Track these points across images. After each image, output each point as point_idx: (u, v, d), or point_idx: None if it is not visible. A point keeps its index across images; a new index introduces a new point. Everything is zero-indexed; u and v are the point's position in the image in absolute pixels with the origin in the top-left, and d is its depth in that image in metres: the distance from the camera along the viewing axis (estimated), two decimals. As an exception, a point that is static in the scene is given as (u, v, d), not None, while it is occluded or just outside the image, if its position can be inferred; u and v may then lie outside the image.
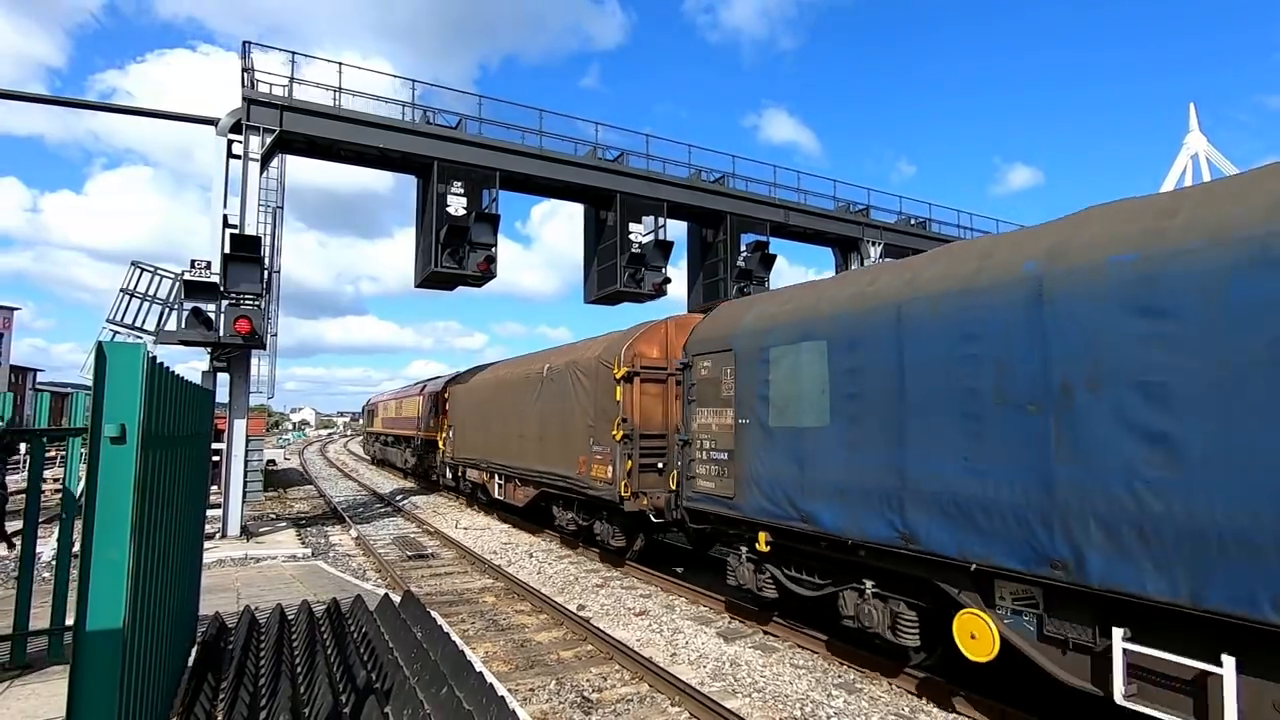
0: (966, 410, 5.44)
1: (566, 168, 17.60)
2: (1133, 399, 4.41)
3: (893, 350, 6.13)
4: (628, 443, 11.04)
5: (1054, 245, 5.11)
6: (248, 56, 14.54)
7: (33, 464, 5.94)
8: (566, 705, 6.31)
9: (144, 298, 14.09)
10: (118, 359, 2.90)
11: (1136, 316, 4.44)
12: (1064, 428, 4.77)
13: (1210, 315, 4.09)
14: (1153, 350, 4.34)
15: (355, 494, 25.87)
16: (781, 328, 7.62)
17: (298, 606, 7.55)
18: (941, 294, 5.77)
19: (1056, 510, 4.77)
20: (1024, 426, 5.02)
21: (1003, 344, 5.21)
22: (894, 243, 23.27)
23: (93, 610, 2.75)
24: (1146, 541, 4.31)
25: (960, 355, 5.52)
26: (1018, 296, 5.16)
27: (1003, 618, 5.33)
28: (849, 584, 6.91)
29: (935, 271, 6.03)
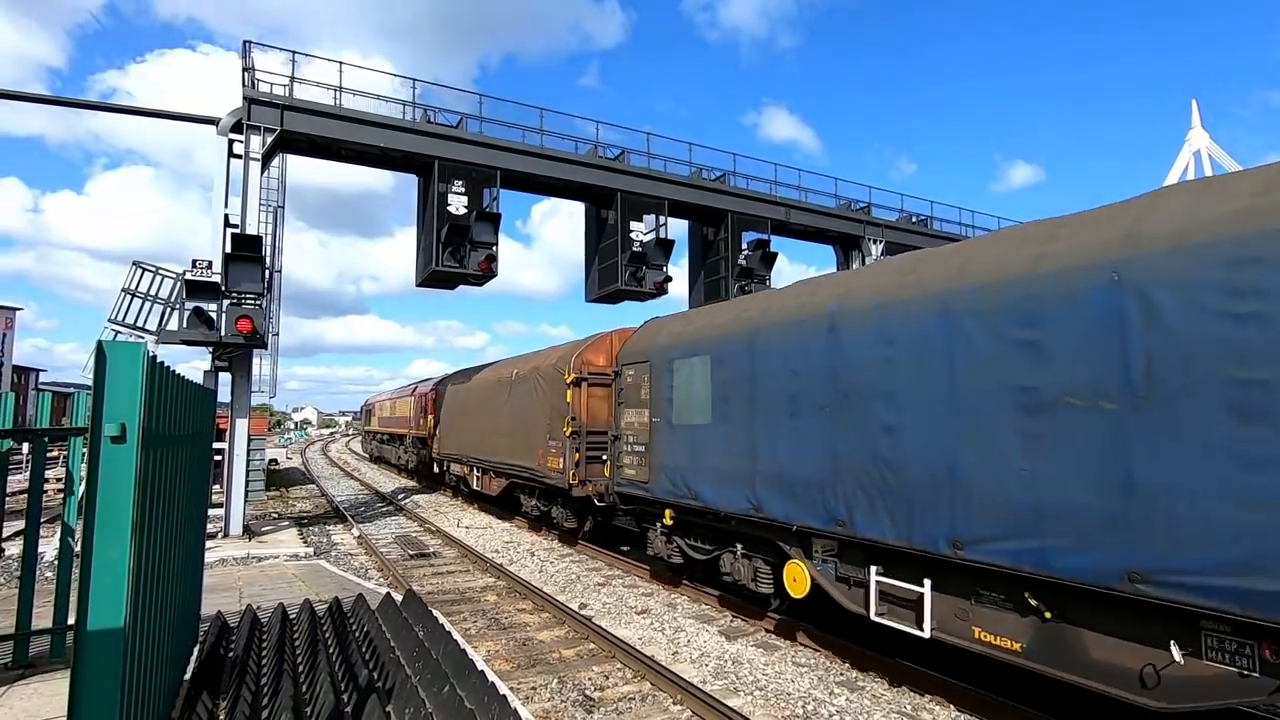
0: (790, 410, 7.33)
1: (567, 166, 17.59)
2: (876, 402, 6.31)
3: (748, 364, 8.02)
4: (576, 438, 12.74)
5: (844, 290, 7.05)
6: (248, 56, 14.53)
7: (35, 464, 5.94)
8: (568, 704, 6.31)
9: (145, 297, 14.10)
10: (117, 358, 2.90)
11: (882, 345, 6.34)
12: (842, 422, 6.65)
13: (915, 346, 6.01)
14: (887, 369, 6.23)
15: (357, 493, 25.90)
16: (682, 344, 9.45)
17: (300, 606, 7.55)
18: (780, 323, 7.70)
19: (840, 483, 6.64)
20: (822, 421, 6.90)
21: (813, 362, 7.09)
22: (895, 240, 23.24)
23: (93, 610, 2.75)
24: (885, 503, 6.16)
25: (787, 369, 7.43)
26: (821, 328, 7.04)
27: (816, 565, 7.22)
28: (726, 548, 8.79)
29: (779, 305, 7.98)
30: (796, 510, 7.16)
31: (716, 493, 8.43)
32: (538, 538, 15.29)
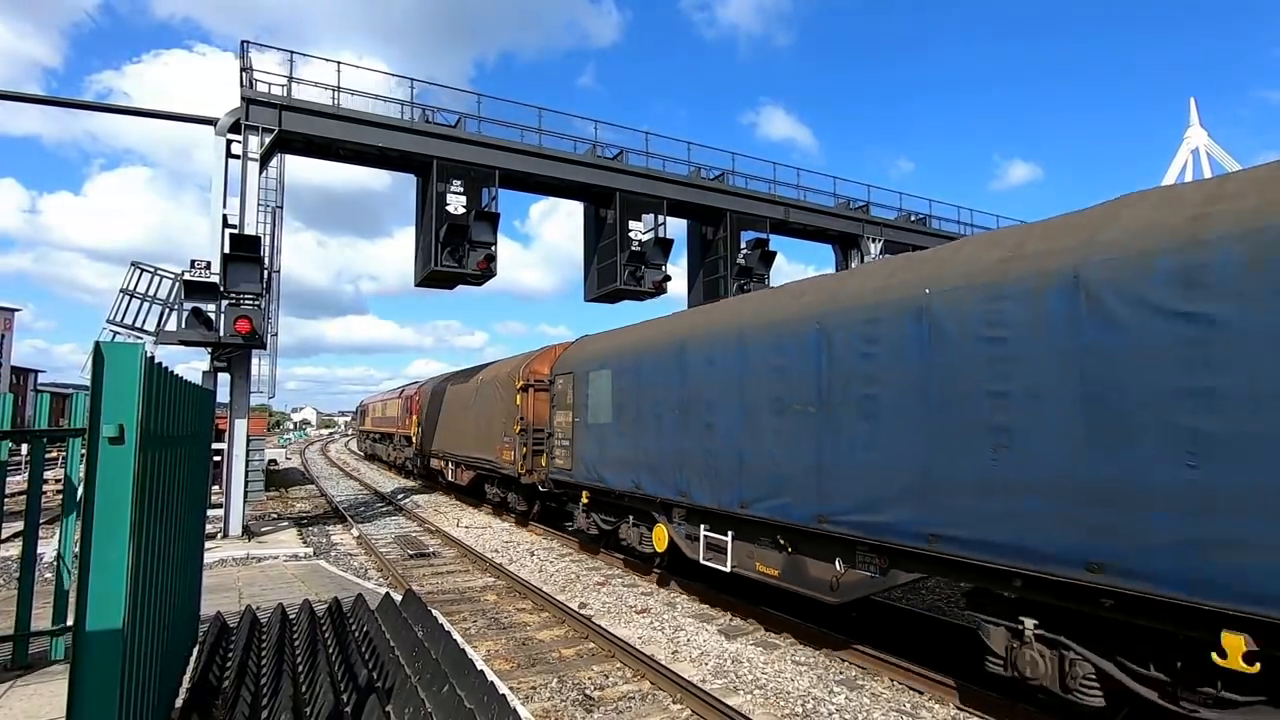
0: (656, 413, 9.84)
1: (566, 166, 17.59)
2: (702, 408, 8.78)
3: (635, 379, 10.53)
4: (523, 435, 15.19)
5: (689, 326, 9.72)
6: (246, 56, 14.52)
7: (33, 465, 5.93)
8: (568, 703, 6.31)
9: (144, 298, 14.09)
10: (115, 359, 2.89)
11: (707, 365, 8.82)
12: (684, 423, 9.16)
13: (723, 367, 8.50)
14: (709, 384, 8.72)
15: (357, 493, 25.89)
16: (596, 360, 11.84)
17: (299, 606, 7.55)
18: (654, 349, 10.16)
19: (683, 466, 9.15)
20: (674, 422, 9.38)
21: (669, 378, 9.59)
22: (894, 239, 23.25)
23: (92, 610, 2.75)
24: (708, 480, 8.64)
25: (656, 383, 9.93)
26: (675, 353, 9.51)
27: (673, 526, 9.71)
28: (623, 520, 11.17)
29: (654, 334, 10.45)
30: (660, 488, 9.74)
31: (615, 477, 10.94)
32: (537, 537, 15.30)
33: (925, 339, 5.91)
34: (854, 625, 8.29)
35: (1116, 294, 4.59)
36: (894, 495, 6.15)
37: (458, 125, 16.50)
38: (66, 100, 15.88)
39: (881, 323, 6.34)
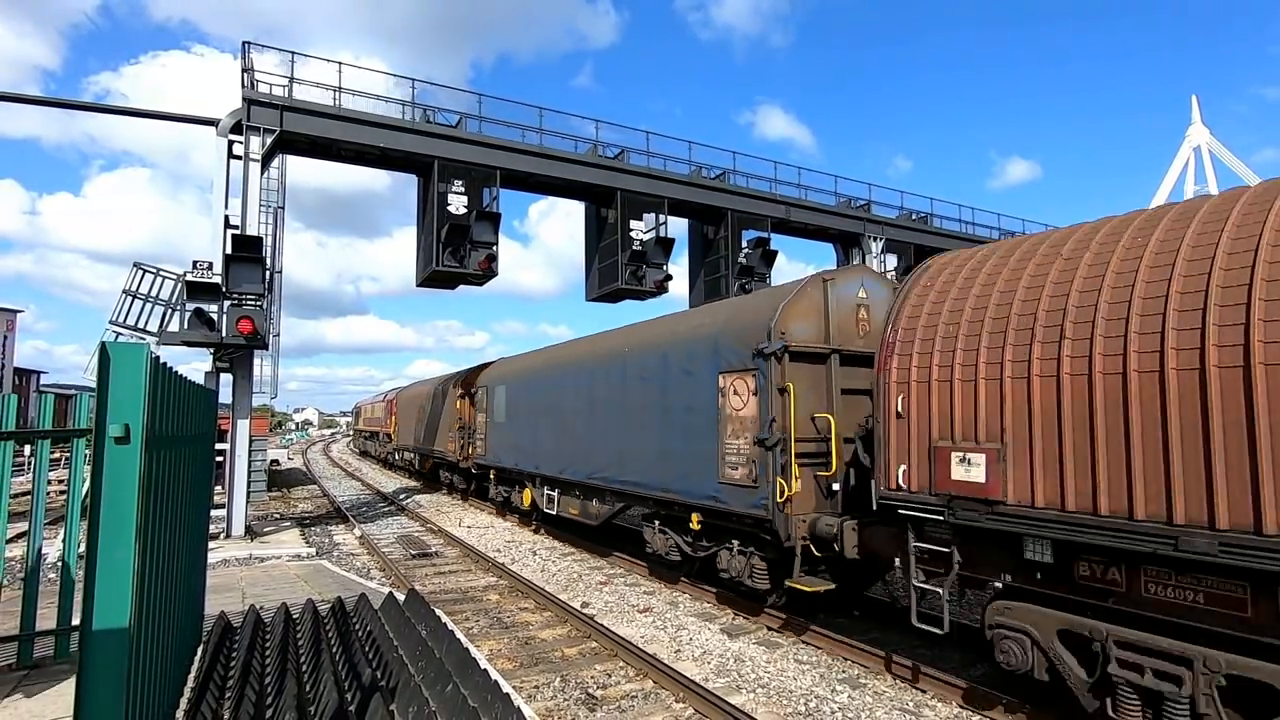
0: (529, 414, 14.82)
1: (567, 165, 17.59)
2: (555, 412, 13.65)
3: (523, 391, 15.40)
4: (462, 431, 19.89)
5: (554, 358, 14.74)
6: (248, 57, 14.53)
7: (38, 466, 5.95)
8: (571, 702, 6.33)
9: (146, 299, 14.12)
10: (121, 360, 2.91)
11: (557, 386, 13.80)
12: (545, 421, 13.95)
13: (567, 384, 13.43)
14: (558, 397, 13.61)
15: (359, 493, 25.93)
16: (498, 378, 17.33)
17: (302, 605, 7.57)
18: (529, 371, 15.57)
19: (539, 450, 14.08)
20: (541, 421, 14.15)
21: (540, 393, 14.42)
22: (895, 238, 23.24)
23: (99, 610, 2.76)
24: (555, 458, 13.37)
25: (531, 396, 14.85)
26: (544, 376, 14.46)
27: (535, 491, 14.51)
28: (515, 488, 16.17)
29: (528, 363, 15.94)
30: (529, 465, 14.72)
31: (508, 459, 16.06)
32: (539, 537, 15.32)
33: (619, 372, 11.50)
34: (857, 624, 8.30)
35: (686, 357, 9.55)
36: (614, 461, 11.21)
37: (459, 125, 16.51)
38: (71, 102, 15.91)
39: (637, 360, 10.95)
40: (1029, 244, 6.01)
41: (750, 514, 8.09)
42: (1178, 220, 5.00)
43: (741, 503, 8.24)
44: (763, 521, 7.90)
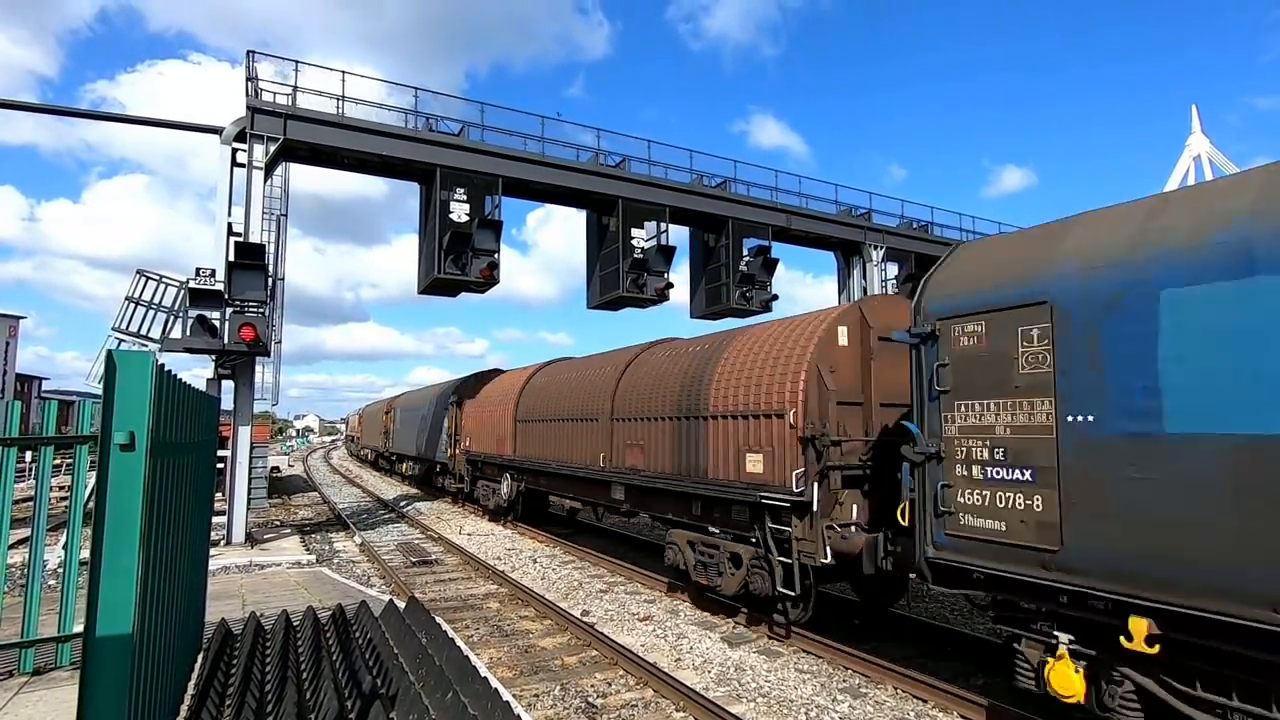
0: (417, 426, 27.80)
1: (568, 173, 17.66)
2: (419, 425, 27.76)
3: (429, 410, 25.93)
4: (448, 437, 23.17)
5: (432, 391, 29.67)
6: (252, 65, 14.64)
7: (40, 471, 5.97)
8: (571, 711, 6.31)
9: (149, 305, 14.16)
10: (127, 367, 2.93)
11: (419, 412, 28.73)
12: (417, 426, 28.24)
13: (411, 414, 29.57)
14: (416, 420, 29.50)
15: (359, 500, 25.90)
16: (405, 401, 32.51)
17: (303, 613, 7.57)
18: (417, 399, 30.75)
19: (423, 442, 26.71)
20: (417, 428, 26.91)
21: (415, 414, 28.93)
22: (896, 246, 23.28)
23: (103, 616, 2.78)
24: (417, 448, 28.20)
25: (419, 415, 27.96)
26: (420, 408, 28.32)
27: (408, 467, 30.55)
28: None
29: (418, 395, 31.57)
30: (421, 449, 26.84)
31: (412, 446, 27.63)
32: (539, 545, 15.29)
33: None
34: (858, 632, 8.28)
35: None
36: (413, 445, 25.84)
37: (461, 134, 16.60)
38: (82, 111, 16.03)
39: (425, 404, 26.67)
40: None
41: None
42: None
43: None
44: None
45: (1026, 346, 5.26)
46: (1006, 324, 5.40)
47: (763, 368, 8.73)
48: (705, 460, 9.49)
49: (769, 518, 8.14)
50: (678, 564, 9.88)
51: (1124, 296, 4.71)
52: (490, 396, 19.84)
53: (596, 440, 12.74)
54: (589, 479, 13.03)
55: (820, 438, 7.69)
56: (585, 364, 15.45)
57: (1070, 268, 5.08)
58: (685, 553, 9.71)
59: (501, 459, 17.75)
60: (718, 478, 9.21)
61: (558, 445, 14.56)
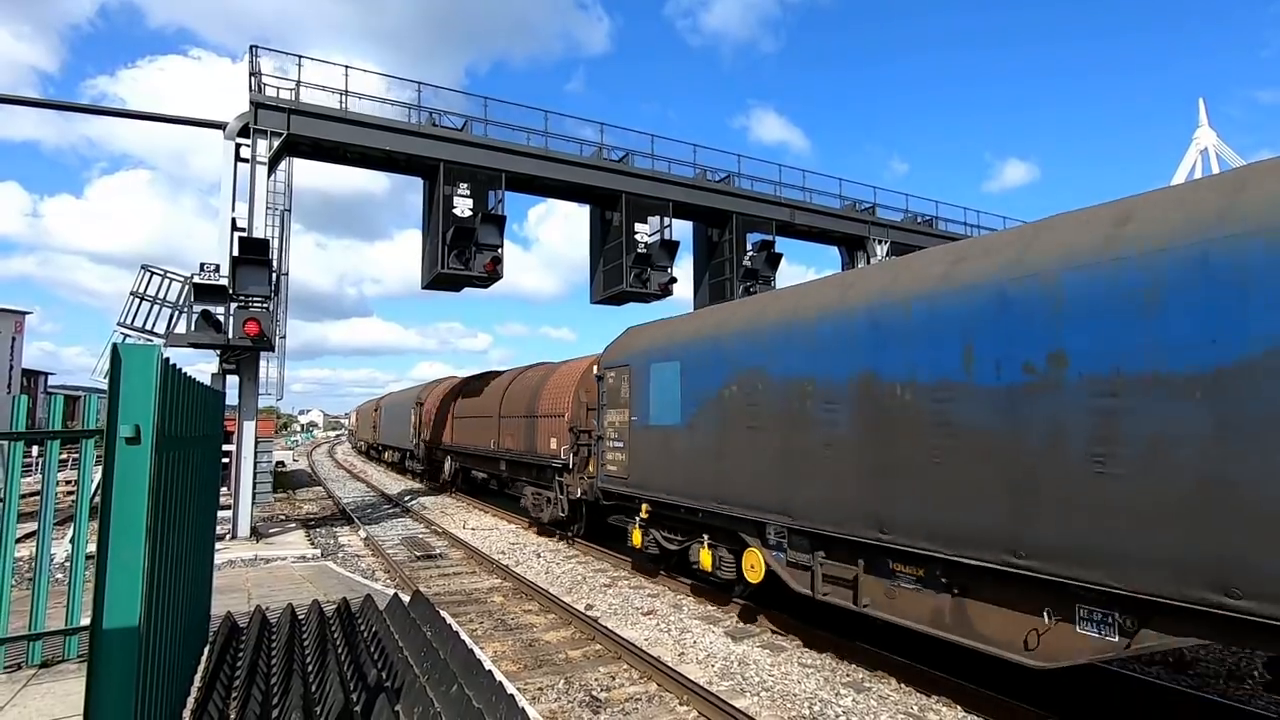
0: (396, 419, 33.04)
1: (572, 168, 17.64)
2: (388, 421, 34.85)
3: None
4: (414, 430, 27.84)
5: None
6: (255, 60, 14.63)
7: (47, 466, 6.00)
8: (575, 704, 6.33)
9: (154, 301, 14.19)
10: (133, 361, 2.94)
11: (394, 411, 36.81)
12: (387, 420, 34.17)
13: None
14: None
15: (364, 495, 25.99)
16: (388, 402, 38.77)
17: (308, 606, 7.60)
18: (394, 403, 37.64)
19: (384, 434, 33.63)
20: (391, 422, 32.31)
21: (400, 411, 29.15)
22: (900, 240, 23.20)
23: (109, 609, 2.79)
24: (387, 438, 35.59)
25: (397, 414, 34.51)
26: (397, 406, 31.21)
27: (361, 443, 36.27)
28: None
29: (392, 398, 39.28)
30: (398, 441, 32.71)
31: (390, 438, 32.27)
32: (543, 539, 15.33)
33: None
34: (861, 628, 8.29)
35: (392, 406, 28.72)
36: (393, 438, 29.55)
37: (464, 129, 16.58)
38: (83, 106, 16.04)
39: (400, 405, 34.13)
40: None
41: None
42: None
43: None
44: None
45: (622, 384, 10.90)
46: (618, 373, 11.07)
47: (559, 389, 14.93)
48: (536, 443, 15.48)
49: (557, 475, 14.39)
50: (526, 507, 16.44)
51: (644, 364, 10.34)
52: (439, 400, 25.48)
53: (491, 431, 18.72)
54: (488, 456, 19.28)
55: (574, 428, 13.65)
56: (492, 378, 21.48)
57: (634, 351, 10.73)
58: (528, 499, 16.23)
59: (444, 446, 24.36)
60: (542, 453, 15.12)
61: (474, 435, 20.57)
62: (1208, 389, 4.09)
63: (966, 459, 5.46)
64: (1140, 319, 4.46)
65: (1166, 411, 4.27)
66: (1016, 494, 5.07)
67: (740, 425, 8.09)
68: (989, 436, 5.29)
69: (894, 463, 6.10)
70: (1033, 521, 4.95)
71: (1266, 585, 3.81)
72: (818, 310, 7.19)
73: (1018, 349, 5.12)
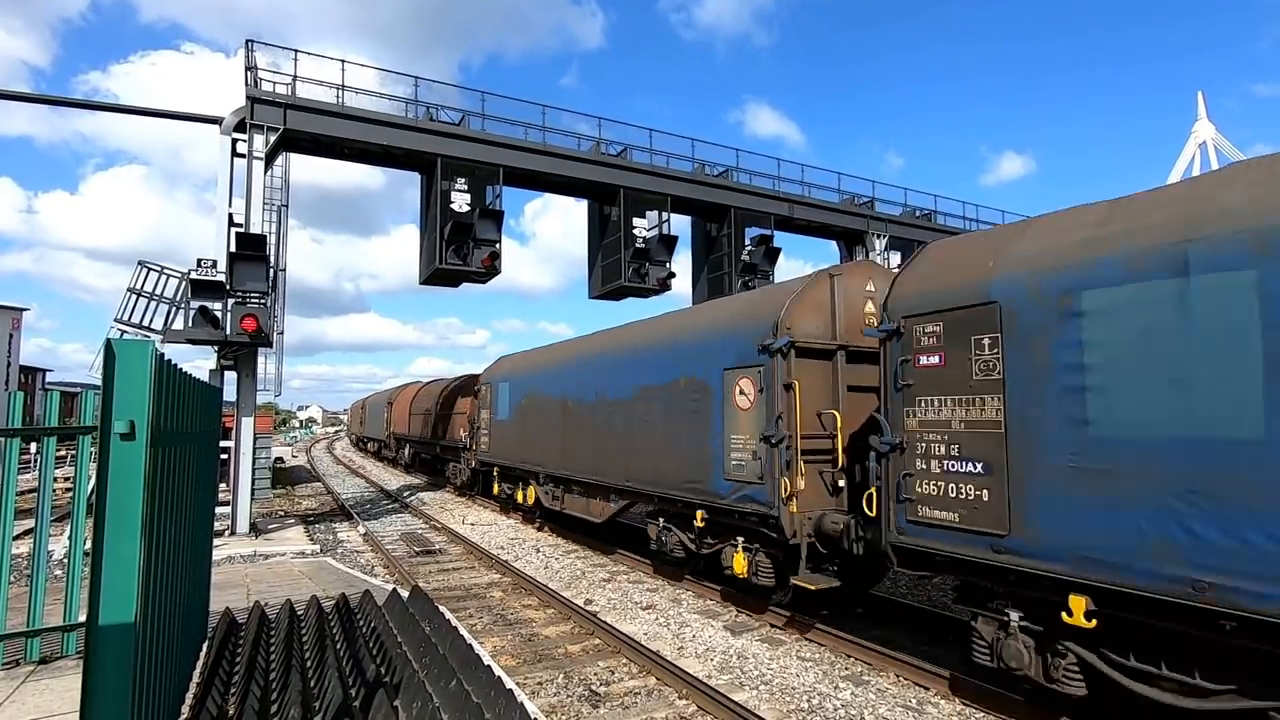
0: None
1: (570, 163, 17.59)
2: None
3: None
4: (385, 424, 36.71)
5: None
6: (251, 55, 14.55)
7: (43, 462, 5.98)
8: (574, 698, 6.34)
9: (151, 297, 14.15)
10: (126, 356, 2.92)
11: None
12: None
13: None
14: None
15: (363, 491, 25.99)
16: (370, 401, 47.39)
17: (307, 602, 7.60)
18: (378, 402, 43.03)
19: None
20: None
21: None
22: (899, 235, 23.18)
23: (105, 605, 2.78)
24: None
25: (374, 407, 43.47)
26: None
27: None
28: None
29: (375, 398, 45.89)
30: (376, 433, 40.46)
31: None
32: (543, 534, 15.35)
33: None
34: (860, 622, 8.30)
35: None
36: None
37: (462, 123, 16.51)
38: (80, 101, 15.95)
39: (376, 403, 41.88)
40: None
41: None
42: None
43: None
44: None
45: (487, 394, 18.47)
46: (486, 387, 18.56)
47: (464, 395, 21.83)
48: (454, 432, 22.47)
49: (463, 452, 20.73)
50: (450, 478, 23.30)
51: (495, 382, 18.11)
52: (402, 400, 32.80)
53: (430, 424, 25.80)
54: (428, 443, 26.33)
55: (470, 421, 19.59)
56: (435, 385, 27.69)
57: (494, 374, 18.57)
58: (451, 470, 23.10)
59: (402, 436, 31.95)
60: (455, 439, 22.04)
61: (420, 427, 27.53)
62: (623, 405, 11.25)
63: (586, 435, 12.53)
64: (610, 371, 11.80)
65: (616, 411, 11.36)
66: (597, 450, 12.03)
67: (529, 420, 15.25)
68: (590, 424, 12.37)
69: (576, 440, 12.94)
70: (601, 459, 11.85)
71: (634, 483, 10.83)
72: (550, 363, 14.84)
73: (591, 388, 12.39)
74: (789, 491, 7.64)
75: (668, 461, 9.82)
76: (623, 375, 11.29)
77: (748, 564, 8.42)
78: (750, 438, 8.21)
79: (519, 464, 15.61)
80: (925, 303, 6.08)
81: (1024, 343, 5.25)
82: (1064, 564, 4.92)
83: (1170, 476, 4.36)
